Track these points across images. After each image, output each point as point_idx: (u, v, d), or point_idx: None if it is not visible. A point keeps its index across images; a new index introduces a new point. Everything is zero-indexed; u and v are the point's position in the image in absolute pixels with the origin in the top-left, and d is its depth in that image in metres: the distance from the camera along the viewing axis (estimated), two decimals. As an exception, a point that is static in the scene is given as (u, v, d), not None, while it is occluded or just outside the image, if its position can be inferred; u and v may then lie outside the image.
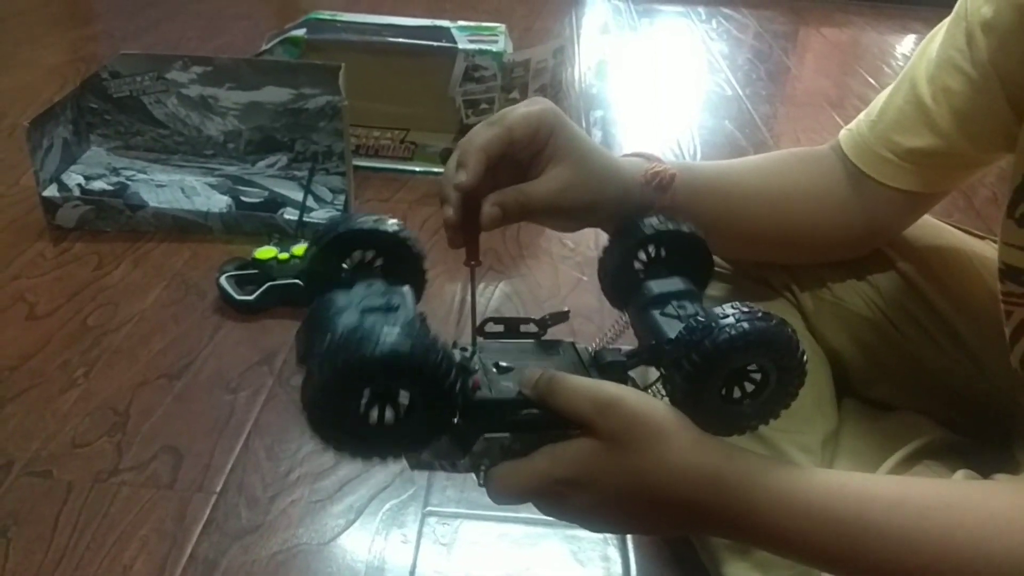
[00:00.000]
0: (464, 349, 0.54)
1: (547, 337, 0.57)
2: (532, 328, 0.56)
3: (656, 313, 0.55)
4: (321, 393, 0.44)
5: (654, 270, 0.59)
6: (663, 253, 0.59)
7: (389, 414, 0.46)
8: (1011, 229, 0.63)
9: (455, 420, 0.49)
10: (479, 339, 0.55)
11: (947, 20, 0.68)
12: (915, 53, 0.70)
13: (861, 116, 0.73)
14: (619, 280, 0.59)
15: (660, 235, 0.58)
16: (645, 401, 0.49)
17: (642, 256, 0.59)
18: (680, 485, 0.48)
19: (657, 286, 0.57)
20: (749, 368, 0.50)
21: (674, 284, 0.57)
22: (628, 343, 0.58)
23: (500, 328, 0.56)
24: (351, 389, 0.44)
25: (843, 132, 0.74)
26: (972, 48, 0.64)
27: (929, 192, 0.72)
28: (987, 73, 0.63)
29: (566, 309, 0.57)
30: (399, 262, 0.55)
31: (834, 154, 0.74)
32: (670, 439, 0.48)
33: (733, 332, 0.47)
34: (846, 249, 0.76)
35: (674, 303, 0.55)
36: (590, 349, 0.57)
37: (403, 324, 0.45)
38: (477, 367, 0.52)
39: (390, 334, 0.44)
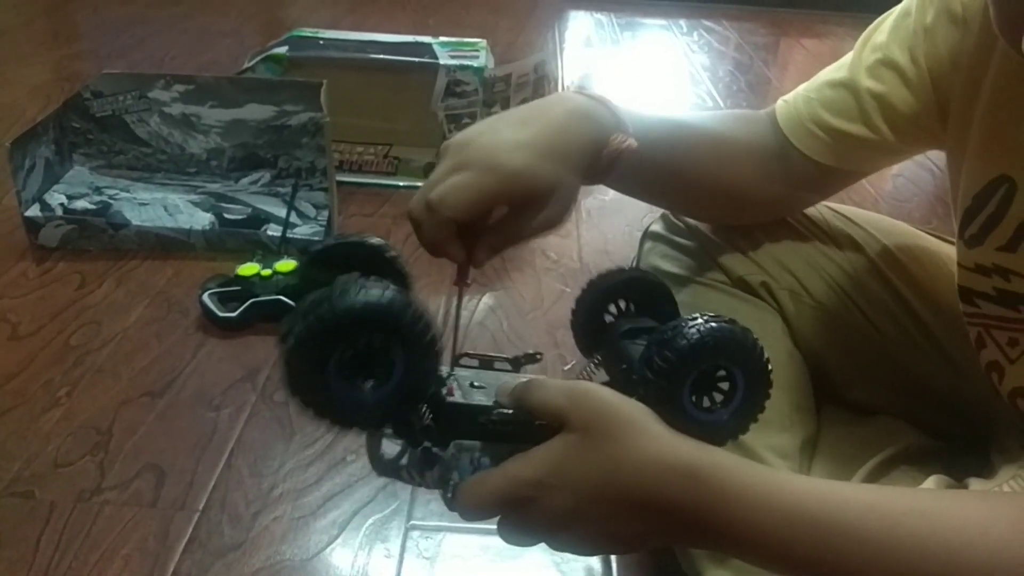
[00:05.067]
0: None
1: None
2: (506, 366, 0.58)
3: (627, 343, 0.58)
4: (298, 347, 0.44)
5: (623, 318, 0.63)
6: (631, 308, 0.63)
7: (366, 376, 0.47)
8: (962, 250, 0.65)
9: (428, 421, 0.50)
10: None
11: (896, 9, 0.71)
12: (861, 37, 0.73)
13: (800, 88, 0.76)
14: (589, 331, 0.63)
15: (623, 284, 0.63)
16: (619, 395, 0.50)
17: (612, 309, 0.63)
18: (653, 477, 0.47)
19: (627, 322, 0.61)
20: (717, 375, 0.51)
21: (644, 321, 0.61)
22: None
23: (475, 363, 0.58)
24: (327, 343, 0.45)
25: (780, 101, 0.77)
26: (913, 48, 0.67)
27: (849, 170, 0.75)
28: (923, 76, 0.67)
29: (539, 354, 0.59)
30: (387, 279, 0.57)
31: (768, 120, 0.77)
32: (644, 429, 0.48)
33: (694, 336, 0.49)
34: (763, 211, 0.80)
35: (644, 336, 0.57)
36: None
37: (384, 287, 0.46)
38: (453, 381, 0.53)
39: (369, 292, 0.45)
